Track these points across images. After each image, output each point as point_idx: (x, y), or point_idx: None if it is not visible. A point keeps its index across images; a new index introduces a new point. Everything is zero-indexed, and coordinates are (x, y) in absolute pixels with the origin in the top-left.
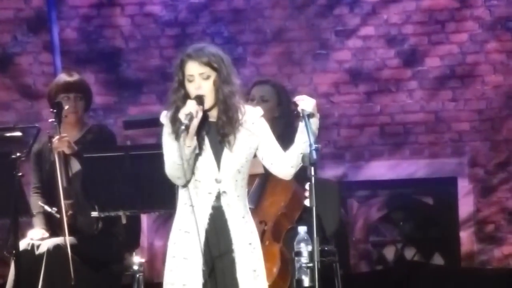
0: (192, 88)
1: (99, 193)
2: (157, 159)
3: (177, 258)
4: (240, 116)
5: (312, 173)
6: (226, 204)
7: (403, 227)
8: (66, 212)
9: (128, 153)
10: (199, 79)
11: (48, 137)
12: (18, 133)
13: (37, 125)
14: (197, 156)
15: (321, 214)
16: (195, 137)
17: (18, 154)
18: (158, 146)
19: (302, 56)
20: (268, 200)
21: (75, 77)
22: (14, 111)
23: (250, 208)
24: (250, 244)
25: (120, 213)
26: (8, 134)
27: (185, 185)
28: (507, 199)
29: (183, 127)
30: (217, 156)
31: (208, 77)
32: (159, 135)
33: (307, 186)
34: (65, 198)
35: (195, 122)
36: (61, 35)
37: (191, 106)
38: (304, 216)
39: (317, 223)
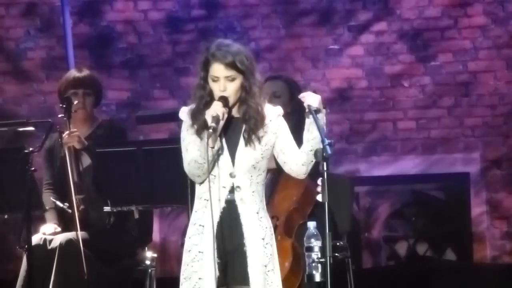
0: (216, 89)
1: (111, 188)
2: (170, 154)
3: (193, 251)
4: (260, 115)
5: (325, 168)
6: (239, 198)
7: (416, 222)
8: (78, 207)
9: (141, 148)
10: (224, 81)
11: (58, 133)
12: (31, 128)
13: (49, 120)
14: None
15: (333, 209)
16: (219, 139)
17: (31, 148)
18: (171, 141)
19: (315, 52)
20: (280, 195)
21: (84, 73)
22: (27, 105)
23: None
24: (263, 239)
25: (133, 207)
26: (21, 129)
27: (202, 182)
28: None
29: (210, 131)
30: (232, 151)
31: (233, 79)
32: (173, 131)
33: (319, 181)
34: (76, 193)
35: (221, 124)
36: (74, 29)
37: (217, 108)
38: (316, 211)
39: (329, 218)
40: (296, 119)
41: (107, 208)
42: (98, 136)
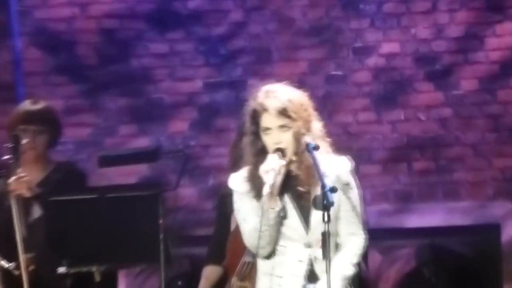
0: (270, 142)
1: (67, 244)
2: (139, 203)
3: None
4: (325, 169)
5: (326, 219)
6: (321, 271)
7: (436, 284)
8: (27, 267)
9: (104, 195)
10: (277, 132)
11: (4, 178)
12: None
13: None
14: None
15: None
16: (278, 198)
17: None
18: (140, 187)
19: (314, 78)
20: None
21: (38, 105)
22: None
23: (249, 261)
24: None
25: (93, 268)
26: None
27: (269, 256)
28: None
29: (266, 188)
30: (304, 216)
31: (288, 129)
32: (142, 175)
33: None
34: (24, 251)
35: (279, 179)
36: (24, 53)
37: (273, 162)
38: None
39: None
40: None
41: (62, 269)
42: (53, 182)
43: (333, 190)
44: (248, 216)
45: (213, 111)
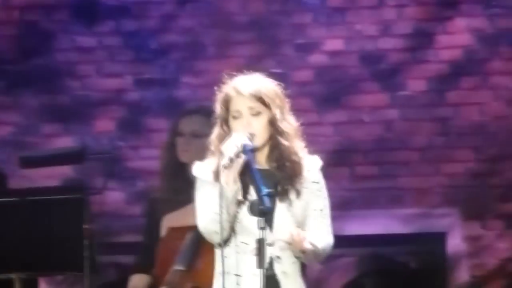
0: (239, 126)
1: None
2: (63, 206)
3: None
4: (298, 163)
5: (262, 225)
6: (280, 272)
7: None
8: None
9: (25, 198)
10: (247, 114)
11: None
12: None
13: None
14: (244, 212)
15: None
16: (238, 181)
17: None
18: (65, 189)
19: None
20: (204, 260)
21: None
22: None
23: (179, 270)
24: None
25: (13, 275)
26: None
27: (224, 244)
28: (511, 260)
29: (226, 162)
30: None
31: (258, 113)
32: (67, 177)
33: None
34: None
35: (241, 159)
36: None
37: (237, 139)
38: None
39: None
40: None
41: None
42: None
43: (270, 194)
44: (208, 200)
45: (143, 109)
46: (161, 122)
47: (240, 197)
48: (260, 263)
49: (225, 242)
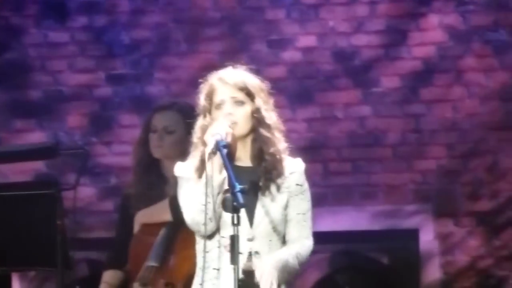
0: (221, 115)
1: None
2: (35, 202)
3: None
4: (279, 160)
5: (235, 221)
6: (258, 277)
7: None
8: None
9: None
10: (231, 104)
11: None
12: None
13: None
14: None
15: None
16: (224, 170)
17: None
18: (36, 185)
19: None
20: (177, 256)
21: None
22: None
23: (153, 266)
24: None
25: None
26: None
27: (210, 236)
28: (482, 258)
29: (209, 148)
30: (249, 208)
31: (242, 103)
32: (39, 172)
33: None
34: None
35: (216, 156)
36: None
37: (220, 126)
38: None
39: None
40: None
41: None
42: None
43: (243, 191)
44: (194, 194)
45: (116, 105)
46: (133, 118)
47: (226, 187)
48: (233, 259)
49: (212, 234)
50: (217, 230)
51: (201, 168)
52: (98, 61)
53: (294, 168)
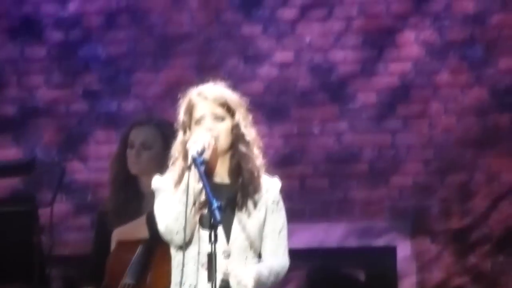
0: (201, 130)
1: None
2: (11, 219)
3: None
4: (257, 178)
5: (213, 239)
6: (235, 283)
7: None
8: None
9: None
10: (210, 119)
11: None
12: None
13: None
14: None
15: None
16: (201, 181)
17: None
18: (12, 202)
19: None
20: (155, 273)
21: None
22: None
23: (129, 283)
24: None
25: None
26: None
27: (184, 246)
28: (460, 275)
29: (192, 157)
30: (227, 224)
31: (222, 119)
32: (15, 189)
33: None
34: None
35: (206, 156)
36: None
37: (202, 136)
38: None
39: None
40: None
41: None
42: None
43: (220, 208)
44: (169, 203)
45: (93, 121)
46: (110, 133)
47: (203, 197)
48: (210, 276)
49: (189, 250)
50: (193, 245)
51: (180, 182)
52: (74, 76)
53: (270, 186)
